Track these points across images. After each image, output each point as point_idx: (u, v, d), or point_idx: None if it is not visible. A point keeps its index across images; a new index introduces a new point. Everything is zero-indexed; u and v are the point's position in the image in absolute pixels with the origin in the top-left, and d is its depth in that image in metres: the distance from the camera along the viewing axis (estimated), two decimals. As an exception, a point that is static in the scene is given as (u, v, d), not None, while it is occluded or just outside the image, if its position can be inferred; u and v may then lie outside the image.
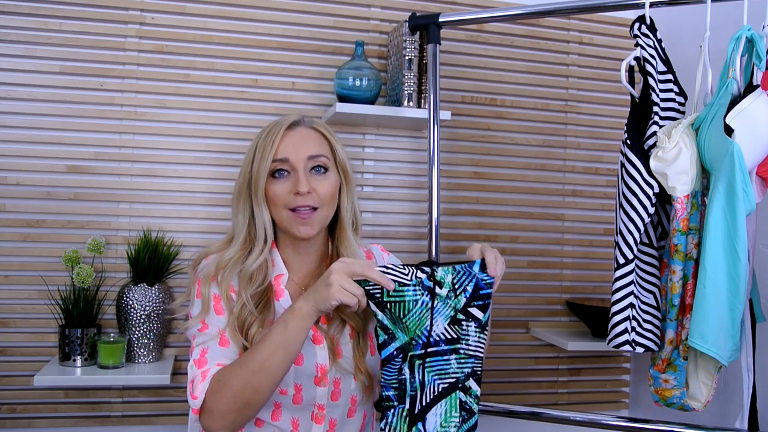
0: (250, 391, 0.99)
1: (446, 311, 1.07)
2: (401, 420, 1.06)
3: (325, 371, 1.11)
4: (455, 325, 1.08)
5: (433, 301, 1.06)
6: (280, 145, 1.13)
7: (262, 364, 0.99)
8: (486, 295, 1.09)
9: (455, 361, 1.08)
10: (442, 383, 1.08)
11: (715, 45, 1.29)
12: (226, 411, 1.00)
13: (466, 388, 1.09)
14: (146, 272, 1.62)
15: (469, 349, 1.09)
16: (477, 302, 1.09)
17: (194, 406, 1.03)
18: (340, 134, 1.84)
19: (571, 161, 2.04)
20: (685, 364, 1.30)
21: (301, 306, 1.00)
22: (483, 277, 1.09)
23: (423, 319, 1.05)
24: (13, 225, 1.66)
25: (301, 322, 1.00)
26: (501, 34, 1.98)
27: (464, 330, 1.09)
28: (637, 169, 1.28)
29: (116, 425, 1.72)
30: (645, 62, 1.30)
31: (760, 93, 1.19)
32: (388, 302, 1.02)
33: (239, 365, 1.02)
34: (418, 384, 1.06)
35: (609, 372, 2.09)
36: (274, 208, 1.13)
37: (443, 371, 1.08)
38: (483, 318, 1.09)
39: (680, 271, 1.27)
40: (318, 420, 1.13)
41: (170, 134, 1.75)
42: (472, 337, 1.09)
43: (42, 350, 1.67)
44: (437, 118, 1.64)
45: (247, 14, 1.80)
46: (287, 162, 1.12)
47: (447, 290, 1.07)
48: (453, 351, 1.08)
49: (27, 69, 1.67)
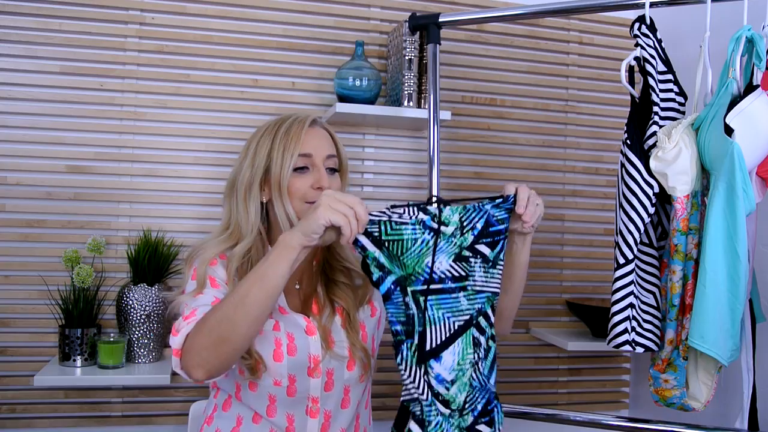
0: (226, 325, 0.95)
1: (450, 249, 1.07)
2: (411, 354, 1.05)
3: (318, 362, 1.13)
4: (461, 261, 1.07)
5: (437, 239, 1.05)
6: (305, 140, 1.15)
7: (241, 297, 0.96)
8: (496, 232, 1.08)
9: (465, 299, 1.08)
10: (457, 321, 1.07)
11: (715, 45, 1.29)
12: (201, 346, 0.96)
13: (478, 325, 1.08)
14: (146, 272, 1.62)
15: (476, 284, 1.08)
16: (485, 239, 1.08)
17: (174, 345, 0.99)
18: (340, 134, 1.83)
19: (571, 161, 2.04)
20: (685, 364, 1.30)
21: (284, 237, 0.97)
22: (495, 213, 1.08)
23: (423, 257, 1.05)
24: (13, 225, 1.66)
25: (284, 251, 0.96)
26: (501, 34, 1.98)
27: (471, 267, 1.08)
28: (637, 169, 1.28)
29: (116, 425, 1.72)
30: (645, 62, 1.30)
31: (760, 93, 1.19)
32: (386, 240, 1.01)
33: (220, 302, 0.99)
34: (427, 320, 1.05)
35: (609, 372, 2.09)
36: (292, 200, 1.14)
37: (455, 309, 1.07)
38: (490, 254, 1.08)
39: (680, 271, 1.27)
40: (313, 414, 1.14)
41: (170, 134, 1.75)
42: (478, 272, 1.08)
43: (42, 350, 1.67)
44: (437, 118, 1.63)
45: (247, 14, 1.80)
46: (310, 158, 1.15)
47: (453, 228, 1.06)
48: (461, 288, 1.08)
49: (27, 69, 1.67)
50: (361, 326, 1.20)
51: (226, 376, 1.14)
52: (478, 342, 1.08)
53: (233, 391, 1.16)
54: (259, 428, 1.14)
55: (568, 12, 1.61)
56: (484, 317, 1.09)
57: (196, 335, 0.98)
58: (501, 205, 1.10)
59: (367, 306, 1.23)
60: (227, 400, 1.18)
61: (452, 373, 1.06)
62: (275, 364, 1.11)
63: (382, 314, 1.27)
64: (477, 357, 1.08)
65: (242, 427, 1.15)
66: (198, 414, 1.44)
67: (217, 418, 1.19)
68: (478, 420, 1.09)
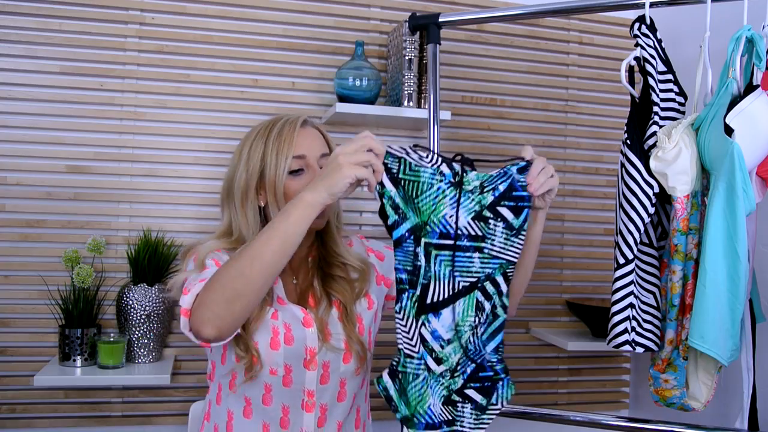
0: (241, 280, 0.94)
1: (468, 204, 1.06)
2: (411, 304, 1.05)
3: (314, 353, 1.13)
4: (480, 221, 1.06)
5: (460, 193, 1.04)
6: (298, 142, 1.15)
7: (258, 252, 0.95)
8: (521, 197, 1.06)
9: (479, 260, 1.07)
10: (464, 281, 1.06)
11: (715, 45, 1.29)
12: (213, 302, 0.94)
13: (484, 290, 1.07)
14: (146, 272, 1.62)
15: (494, 249, 1.07)
16: (508, 202, 1.06)
17: (184, 305, 0.98)
18: (340, 134, 1.85)
19: (571, 161, 2.04)
20: (685, 364, 1.30)
21: (306, 196, 0.96)
22: (520, 178, 1.07)
23: (439, 206, 1.04)
24: (13, 225, 1.66)
25: (306, 210, 0.95)
26: (501, 34, 1.98)
27: (491, 229, 1.06)
28: (637, 169, 1.28)
29: (116, 425, 1.72)
30: (645, 62, 1.30)
31: (760, 93, 1.19)
32: (404, 179, 1.02)
33: (233, 257, 0.98)
34: (432, 274, 1.05)
35: (609, 372, 2.09)
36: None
37: (465, 269, 1.06)
38: (514, 221, 1.06)
39: (680, 271, 1.27)
40: (308, 408, 1.14)
41: (170, 134, 1.75)
42: (498, 237, 1.07)
43: (42, 350, 1.67)
44: (437, 118, 1.63)
45: (247, 14, 1.80)
46: (304, 159, 1.15)
47: (472, 186, 1.06)
48: (476, 249, 1.06)
49: (27, 69, 1.67)
50: (358, 319, 1.20)
51: (222, 363, 1.15)
52: (482, 306, 1.07)
53: (228, 380, 1.16)
54: (250, 423, 1.15)
55: (568, 12, 1.61)
56: (492, 283, 1.07)
57: (208, 291, 0.96)
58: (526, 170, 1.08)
59: (364, 299, 1.23)
60: (219, 394, 1.19)
61: (449, 332, 1.06)
62: (272, 352, 1.11)
63: (379, 307, 1.27)
64: (477, 321, 1.07)
65: (234, 422, 1.16)
66: (198, 414, 1.44)
67: (213, 414, 1.20)
68: (466, 384, 1.08)
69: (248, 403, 1.15)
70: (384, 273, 1.29)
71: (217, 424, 1.18)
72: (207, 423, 1.22)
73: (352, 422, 1.21)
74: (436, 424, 1.06)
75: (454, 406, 1.08)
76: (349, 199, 1.87)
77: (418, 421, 1.06)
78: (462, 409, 1.08)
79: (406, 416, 1.06)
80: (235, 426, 1.16)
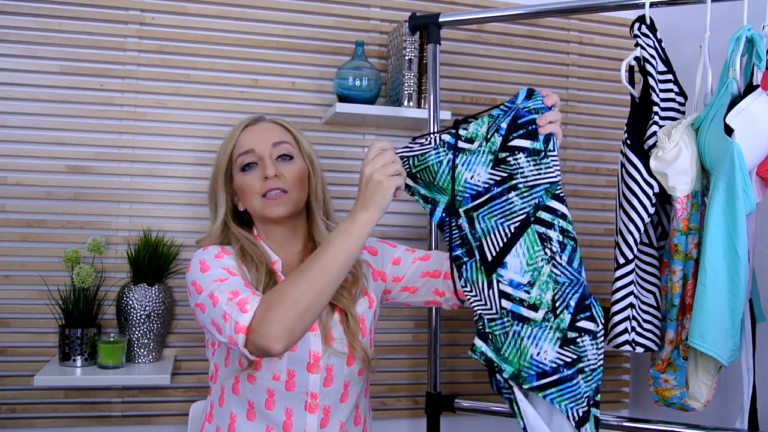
0: (312, 295, 0.98)
1: (482, 159, 1.07)
2: (476, 271, 1.06)
3: (318, 358, 1.13)
4: (501, 165, 1.06)
5: (456, 157, 1.07)
6: (242, 139, 1.22)
7: (325, 268, 1.00)
8: (530, 121, 1.03)
9: (518, 198, 1.05)
10: (512, 224, 1.05)
11: (715, 45, 1.29)
12: (286, 318, 0.97)
13: (540, 220, 1.05)
14: (146, 272, 1.62)
15: (528, 180, 1.05)
16: (518, 131, 1.04)
17: (244, 323, 0.99)
18: (340, 134, 1.85)
19: (571, 161, 2.04)
20: (685, 364, 1.30)
21: (360, 216, 1.02)
22: (526, 104, 1.06)
23: (458, 176, 1.07)
24: (13, 225, 1.66)
25: (364, 228, 1.01)
26: (501, 34, 1.98)
27: (513, 164, 1.05)
28: (637, 169, 1.28)
29: (116, 425, 1.72)
30: (645, 62, 1.30)
31: (760, 93, 1.19)
32: (417, 172, 1.08)
33: (295, 276, 1.01)
34: (480, 233, 1.06)
35: (609, 372, 2.09)
36: (249, 199, 1.20)
37: (508, 212, 1.05)
38: (533, 145, 1.03)
39: (680, 271, 1.27)
40: (311, 410, 1.14)
41: (170, 134, 1.75)
42: (527, 167, 1.04)
43: (42, 350, 1.67)
44: (437, 118, 1.64)
45: (247, 14, 1.80)
46: (253, 152, 1.20)
47: (478, 143, 1.07)
48: (510, 189, 1.05)
49: (27, 69, 1.67)
50: (361, 320, 1.20)
51: (226, 366, 1.15)
52: (546, 237, 1.04)
53: (231, 383, 1.16)
54: (254, 425, 1.14)
55: (568, 12, 1.62)
56: (546, 210, 1.05)
57: (278, 308, 0.98)
58: (536, 95, 1.07)
59: (364, 298, 1.23)
60: (221, 397, 1.19)
61: (526, 275, 1.04)
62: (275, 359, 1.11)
63: (378, 305, 1.28)
64: (551, 252, 1.04)
65: (237, 424, 1.15)
66: (198, 414, 1.44)
67: (216, 415, 1.20)
68: (576, 317, 1.04)
69: (251, 406, 1.14)
70: (379, 267, 1.29)
71: (219, 425, 1.18)
72: (208, 425, 1.21)
73: (352, 420, 1.21)
74: (548, 372, 1.04)
75: (574, 344, 1.03)
76: (350, 199, 1.87)
77: (527, 374, 1.04)
78: (583, 344, 1.04)
79: (513, 374, 1.05)
80: (237, 429, 1.15)
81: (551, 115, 1.05)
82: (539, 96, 1.07)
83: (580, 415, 1.05)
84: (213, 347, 1.20)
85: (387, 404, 1.89)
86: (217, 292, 1.05)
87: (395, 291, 1.29)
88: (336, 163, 1.85)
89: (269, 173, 1.17)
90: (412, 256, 1.30)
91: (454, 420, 1.92)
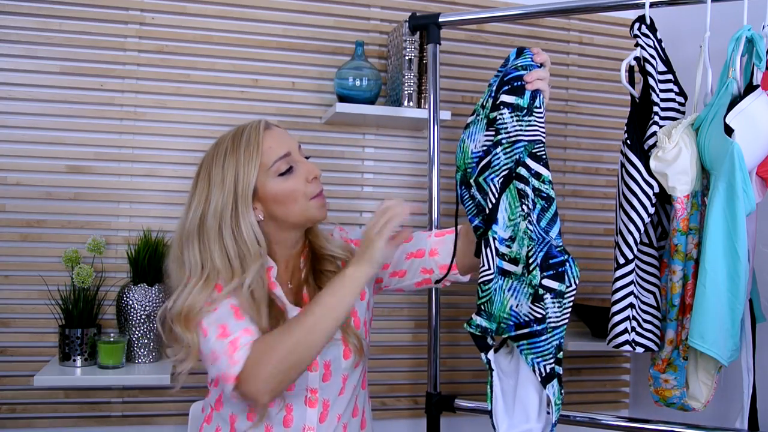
0: (302, 351, 1.00)
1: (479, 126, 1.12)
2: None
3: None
4: (492, 124, 1.09)
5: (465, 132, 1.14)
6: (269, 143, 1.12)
7: (314, 325, 1.01)
8: (516, 77, 1.08)
9: (502, 153, 1.08)
10: (498, 177, 1.08)
11: (715, 45, 1.29)
12: (275, 372, 0.99)
13: (519, 176, 1.07)
14: (146, 272, 1.62)
15: (510, 135, 1.08)
16: (504, 88, 1.08)
17: (233, 373, 0.99)
18: (340, 134, 1.85)
19: (571, 161, 2.04)
20: (685, 364, 1.30)
21: (351, 272, 1.05)
22: (516, 62, 1.10)
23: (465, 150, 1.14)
24: (13, 225, 1.66)
25: (355, 288, 1.04)
26: (501, 34, 1.98)
27: (499, 120, 1.08)
28: (637, 169, 1.28)
29: (116, 425, 1.72)
30: (645, 62, 1.30)
31: (760, 93, 1.19)
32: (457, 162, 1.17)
33: (284, 331, 1.02)
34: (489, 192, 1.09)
35: (609, 372, 2.09)
36: (293, 205, 1.12)
37: (496, 166, 1.09)
38: (517, 101, 1.07)
39: (680, 271, 1.27)
40: (311, 404, 1.15)
41: (170, 134, 1.75)
42: (510, 123, 1.08)
43: (42, 350, 1.67)
44: (437, 118, 1.64)
45: (247, 14, 1.80)
46: (290, 156, 1.13)
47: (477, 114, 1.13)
48: (496, 144, 1.09)
49: (27, 69, 1.67)
50: (353, 313, 1.20)
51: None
52: (524, 193, 1.06)
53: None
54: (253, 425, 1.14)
55: (568, 12, 1.62)
56: (524, 167, 1.07)
57: (264, 365, 0.99)
58: (525, 53, 1.10)
59: None
60: (220, 399, 1.19)
61: (507, 229, 1.07)
62: None
63: (371, 297, 1.28)
64: (527, 209, 1.06)
65: (237, 425, 1.15)
66: (198, 414, 1.44)
67: (215, 416, 1.20)
68: (542, 274, 1.06)
69: (251, 408, 1.14)
70: None
71: (220, 426, 1.18)
72: (207, 426, 1.21)
73: (350, 412, 1.22)
74: (522, 323, 1.06)
75: (542, 300, 1.06)
76: (350, 199, 1.87)
77: (506, 325, 1.07)
78: (546, 302, 1.06)
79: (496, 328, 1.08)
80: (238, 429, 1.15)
81: (539, 72, 1.08)
82: (529, 53, 1.10)
83: (547, 371, 1.07)
84: None
85: (387, 404, 1.89)
86: (206, 322, 1.04)
87: (386, 278, 1.29)
88: (336, 163, 1.85)
89: (317, 172, 1.15)
90: None
91: (454, 420, 1.92)
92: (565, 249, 1.08)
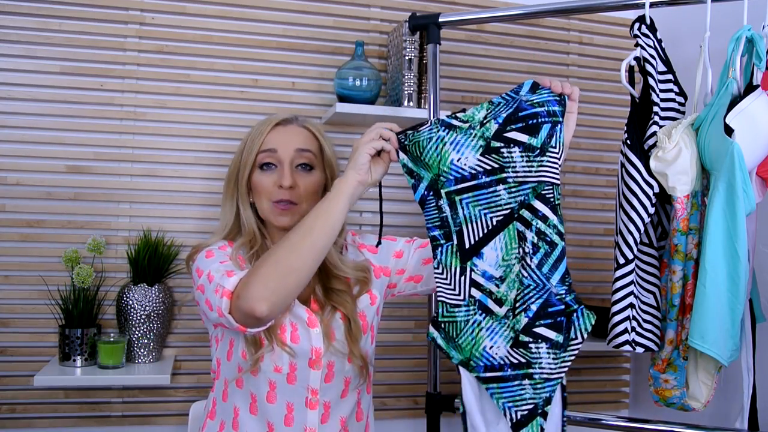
0: (294, 255, 1.00)
1: (471, 142, 1.06)
2: (451, 256, 1.07)
3: (320, 354, 1.14)
4: (491, 154, 1.05)
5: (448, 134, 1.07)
6: (269, 137, 1.20)
7: (307, 229, 1.02)
8: (533, 114, 1.03)
9: (505, 192, 1.05)
10: (495, 216, 1.06)
11: (715, 45, 1.29)
12: (267, 277, 0.98)
13: (522, 218, 1.04)
14: (146, 272, 1.62)
15: (518, 175, 1.04)
16: (516, 124, 1.03)
17: (229, 287, 1.01)
18: (339, 134, 1.85)
19: (571, 161, 2.04)
20: (685, 364, 1.30)
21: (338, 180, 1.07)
22: (530, 97, 1.05)
23: (443, 155, 1.07)
24: (13, 225, 1.66)
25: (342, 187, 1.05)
26: (501, 34, 1.98)
27: (506, 157, 1.04)
28: (637, 169, 1.28)
29: (116, 425, 1.72)
30: (645, 62, 1.30)
31: (760, 93, 1.19)
32: (408, 144, 1.09)
33: (284, 237, 1.04)
34: (462, 219, 1.06)
35: (609, 372, 2.09)
36: (258, 197, 1.21)
37: (494, 204, 1.06)
38: (531, 140, 1.03)
39: (680, 271, 1.27)
40: (312, 406, 1.15)
41: (170, 134, 1.75)
42: (519, 162, 1.04)
43: (42, 350, 1.67)
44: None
45: (247, 14, 1.80)
46: (275, 154, 1.19)
47: (474, 122, 1.08)
48: (500, 181, 1.05)
49: (27, 69, 1.67)
50: (361, 316, 1.21)
51: (228, 360, 1.15)
52: (523, 236, 1.04)
53: (234, 376, 1.16)
54: (256, 419, 1.15)
55: (568, 12, 1.62)
56: (529, 209, 1.04)
57: (260, 269, 1.00)
58: (540, 90, 1.07)
59: (366, 295, 1.23)
60: (225, 391, 1.19)
61: (499, 269, 1.05)
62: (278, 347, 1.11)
63: (381, 299, 1.28)
64: (522, 252, 1.04)
65: (240, 418, 1.16)
66: (198, 414, 1.44)
67: (219, 410, 1.20)
68: (534, 323, 1.03)
69: (254, 399, 1.15)
70: (381, 264, 1.29)
71: (224, 420, 1.18)
72: (211, 421, 1.22)
73: (354, 415, 1.22)
74: (496, 366, 1.06)
75: (525, 347, 1.03)
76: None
77: (475, 364, 1.07)
78: (537, 350, 1.04)
79: (462, 361, 1.08)
80: (240, 422, 1.16)
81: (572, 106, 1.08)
82: (544, 90, 1.07)
83: (518, 417, 1.06)
84: (216, 342, 1.20)
85: (387, 404, 1.89)
86: (214, 271, 1.08)
87: (401, 283, 1.30)
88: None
89: (285, 183, 1.18)
90: (413, 246, 1.31)
91: (454, 420, 1.92)
92: (578, 299, 1.05)
